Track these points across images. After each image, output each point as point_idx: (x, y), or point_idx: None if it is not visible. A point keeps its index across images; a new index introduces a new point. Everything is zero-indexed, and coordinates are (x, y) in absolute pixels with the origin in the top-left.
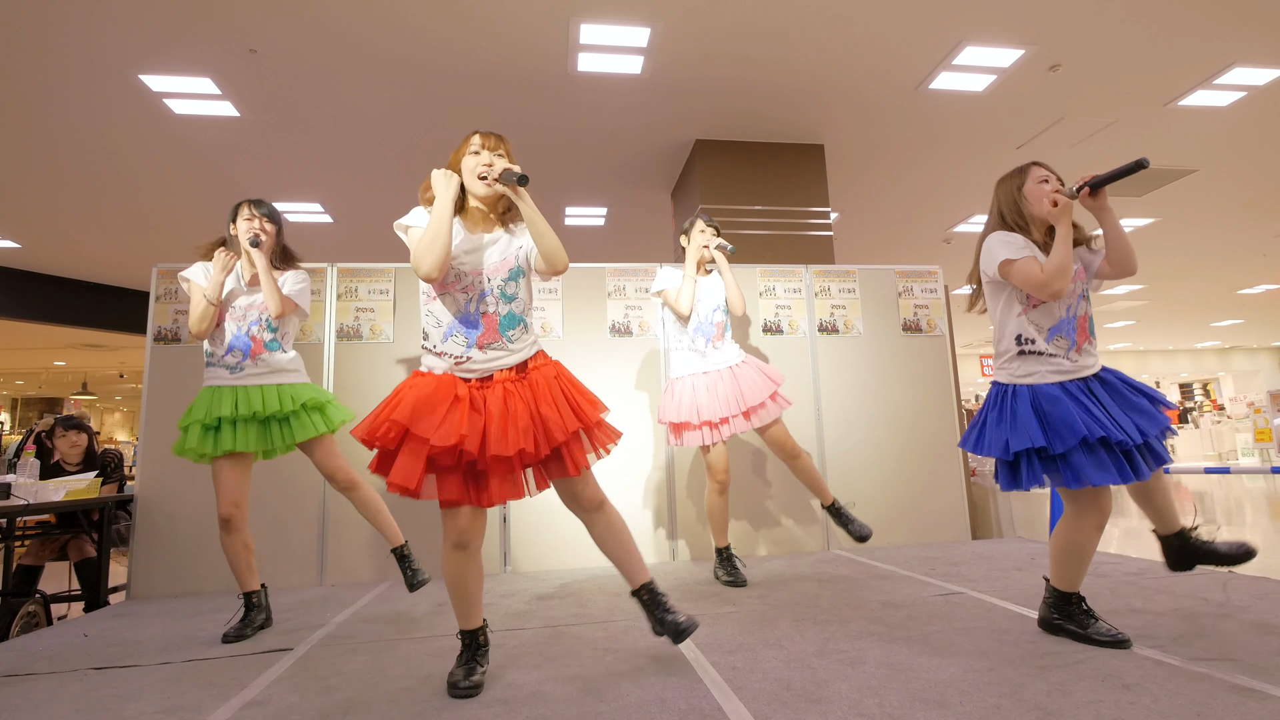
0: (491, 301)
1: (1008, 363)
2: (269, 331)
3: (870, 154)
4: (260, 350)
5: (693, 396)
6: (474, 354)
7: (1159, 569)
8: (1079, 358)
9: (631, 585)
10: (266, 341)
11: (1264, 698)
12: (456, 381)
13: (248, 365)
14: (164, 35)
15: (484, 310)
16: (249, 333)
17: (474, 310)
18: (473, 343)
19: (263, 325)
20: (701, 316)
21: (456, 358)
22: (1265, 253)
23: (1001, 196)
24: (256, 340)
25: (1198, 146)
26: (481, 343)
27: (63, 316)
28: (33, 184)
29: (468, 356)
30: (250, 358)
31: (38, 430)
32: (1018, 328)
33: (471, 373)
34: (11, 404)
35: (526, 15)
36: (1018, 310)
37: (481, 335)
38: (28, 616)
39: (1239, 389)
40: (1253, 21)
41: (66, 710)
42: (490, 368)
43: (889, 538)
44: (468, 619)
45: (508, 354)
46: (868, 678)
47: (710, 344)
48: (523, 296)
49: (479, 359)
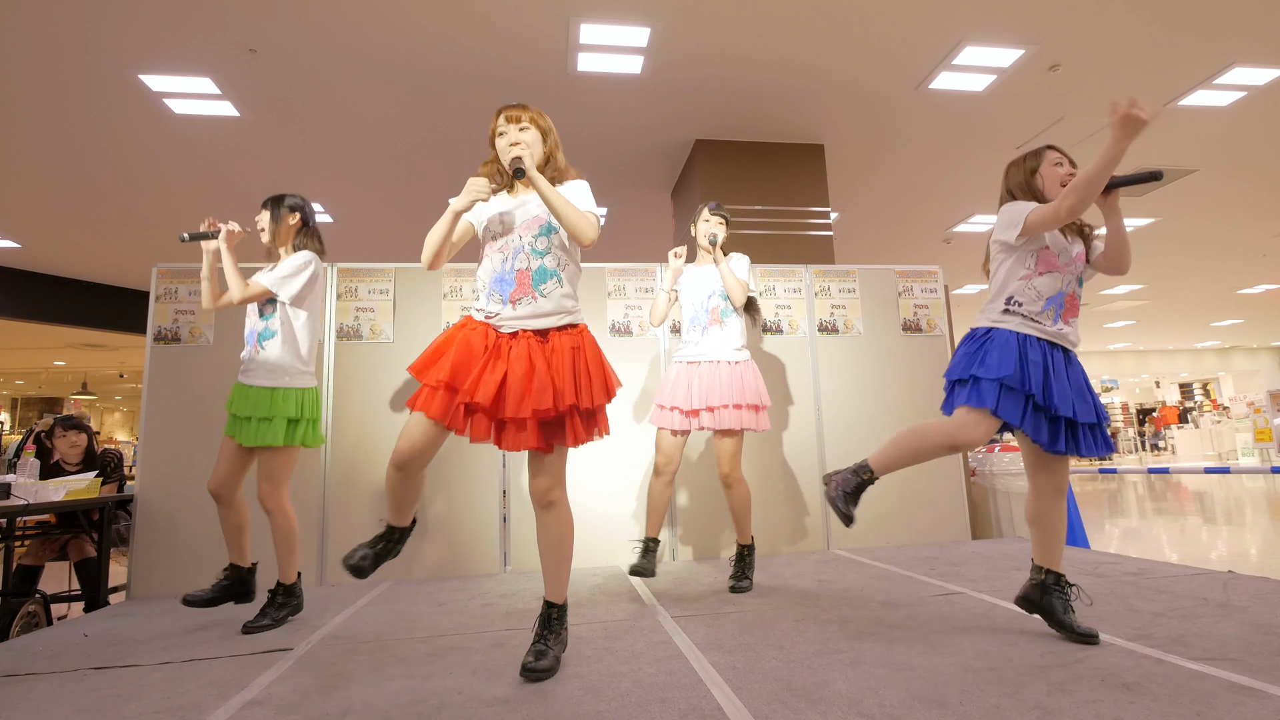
0: (523, 258)
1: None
2: (261, 321)
3: (870, 154)
4: (255, 349)
5: (675, 378)
6: (504, 309)
7: (1159, 569)
8: (1060, 326)
9: (546, 595)
10: (260, 332)
11: (1264, 697)
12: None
13: (245, 363)
14: (164, 35)
15: (518, 267)
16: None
17: (508, 268)
18: (506, 298)
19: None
20: (696, 304)
21: (488, 314)
22: (1265, 253)
23: (1013, 178)
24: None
25: (1198, 146)
26: (514, 297)
27: (63, 316)
28: (33, 184)
29: (498, 313)
30: (249, 355)
31: (37, 430)
32: (1014, 290)
33: (502, 326)
34: (11, 404)
35: (526, 15)
36: (1021, 274)
37: (514, 290)
38: (28, 616)
39: (1239, 389)
40: (1253, 21)
41: (66, 710)
42: (518, 327)
43: (889, 538)
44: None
45: (536, 315)
46: (868, 678)
47: (704, 332)
48: (556, 252)
49: (508, 315)
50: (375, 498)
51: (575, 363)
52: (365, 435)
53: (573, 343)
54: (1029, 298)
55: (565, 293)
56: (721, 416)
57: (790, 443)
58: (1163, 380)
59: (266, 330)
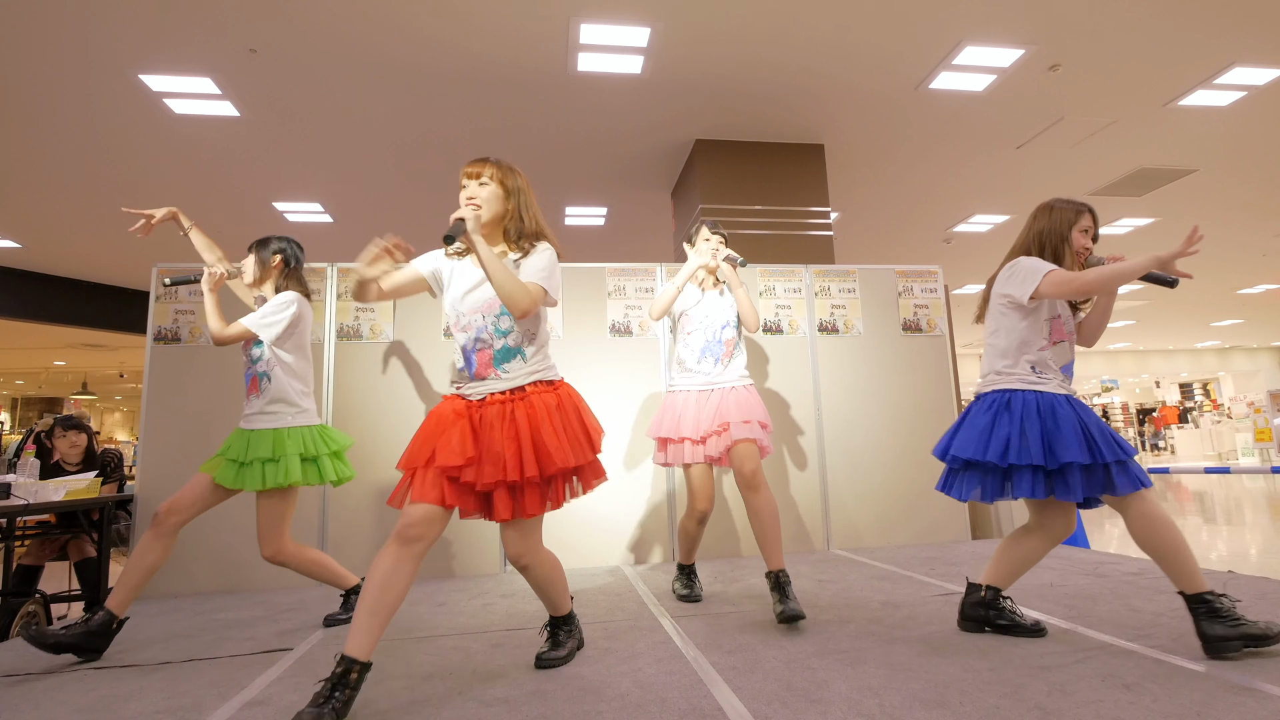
0: (486, 338)
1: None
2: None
3: (870, 154)
4: (254, 389)
5: (682, 409)
6: (473, 383)
7: (1159, 569)
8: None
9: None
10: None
11: (1264, 697)
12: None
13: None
14: (164, 35)
15: (479, 346)
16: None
17: (471, 346)
18: (471, 375)
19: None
20: (709, 335)
21: (459, 385)
22: (1265, 253)
23: (1049, 228)
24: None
25: (1198, 146)
26: (478, 375)
27: (63, 316)
28: (33, 184)
29: (463, 383)
30: (247, 396)
31: (37, 430)
32: (1035, 359)
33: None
34: (11, 404)
35: (526, 15)
36: (1039, 345)
37: (478, 369)
38: (28, 616)
39: (1239, 389)
40: (1253, 21)
41: (66, 710)
42: (483, 390)
43: (889, 538)
44: (363, 636)
45: (501, 382)
46: (868, 678)
47: (719, 363)
48: (519, 330)
49: (475, 385)
50: (374, 498)
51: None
52: (365, 435)
53: (549, 402)
54: (1049, 368)
55: (532, 368)
56: (739, 429)
57: (790, 443)
58: (1163, 380)
59: (263, 374)
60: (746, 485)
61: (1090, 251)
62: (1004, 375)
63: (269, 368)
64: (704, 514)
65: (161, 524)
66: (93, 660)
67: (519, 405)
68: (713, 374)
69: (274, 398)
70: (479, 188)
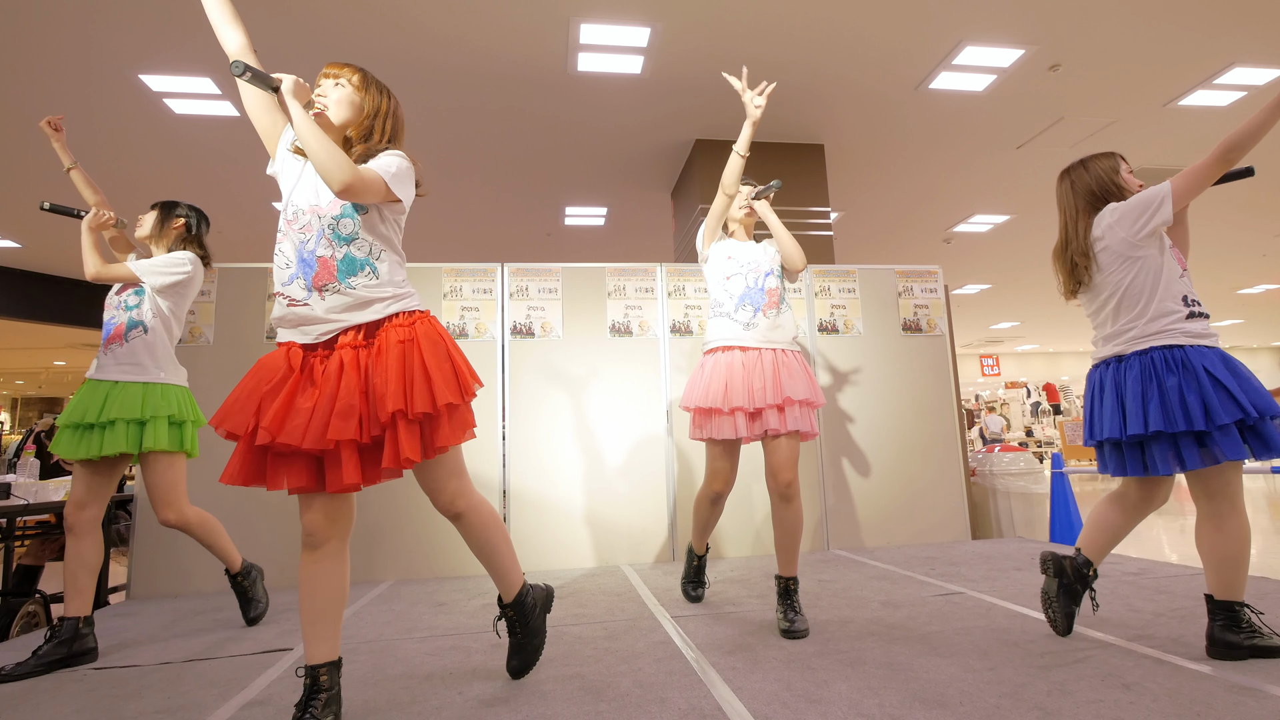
0: (325, 243)
1: (1175, 324)
2: (125, 312)
3: (870, 154)
4: (116, 338)
5: (727, 374)
6: (313, 299)
7: (1159, 569)
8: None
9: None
10: (127, 323)
11: (1264, 697)
12: (291, 352)
13: (103, 356)
14: (164, 35)
15: (319, 253)
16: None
17: (309, 250)
18: (310, 285)
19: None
20: (750, 281)
21: (293, 300)
22: (1265, 253)
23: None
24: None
25: (1198, 146)
26: (317, 283)
27: (63, 316)
28: (33, 184)
29: (306, 302)
30: (106, 345)
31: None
32: (1182, 289)
33: (310, 329)
34: (11, 404)
35: (527, 15)
36: (1179, 272)
37: (316, 275)
38: (28, 616)
39: None
40: (1253, 21)
41: (66, 710)
42: (331, 327)
43: (889, 538)
44: (316, 644)
45: (351, 308)
46: (868, 678)
47: (760, 313)
48: (365, 237)
49: (318, 306)
50: (375, 499)
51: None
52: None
53: (405, 336)
54: (1194, 294)
55: (386, 291)
56: (793, 416)
57: None
58: None
59: (133, 320)
60: (781, 495)
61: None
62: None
63: (144, 317)
64: (720, 495)
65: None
66: (91, 662)
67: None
68: (762, 328)
69: (147, 349)
70: (333, 88)
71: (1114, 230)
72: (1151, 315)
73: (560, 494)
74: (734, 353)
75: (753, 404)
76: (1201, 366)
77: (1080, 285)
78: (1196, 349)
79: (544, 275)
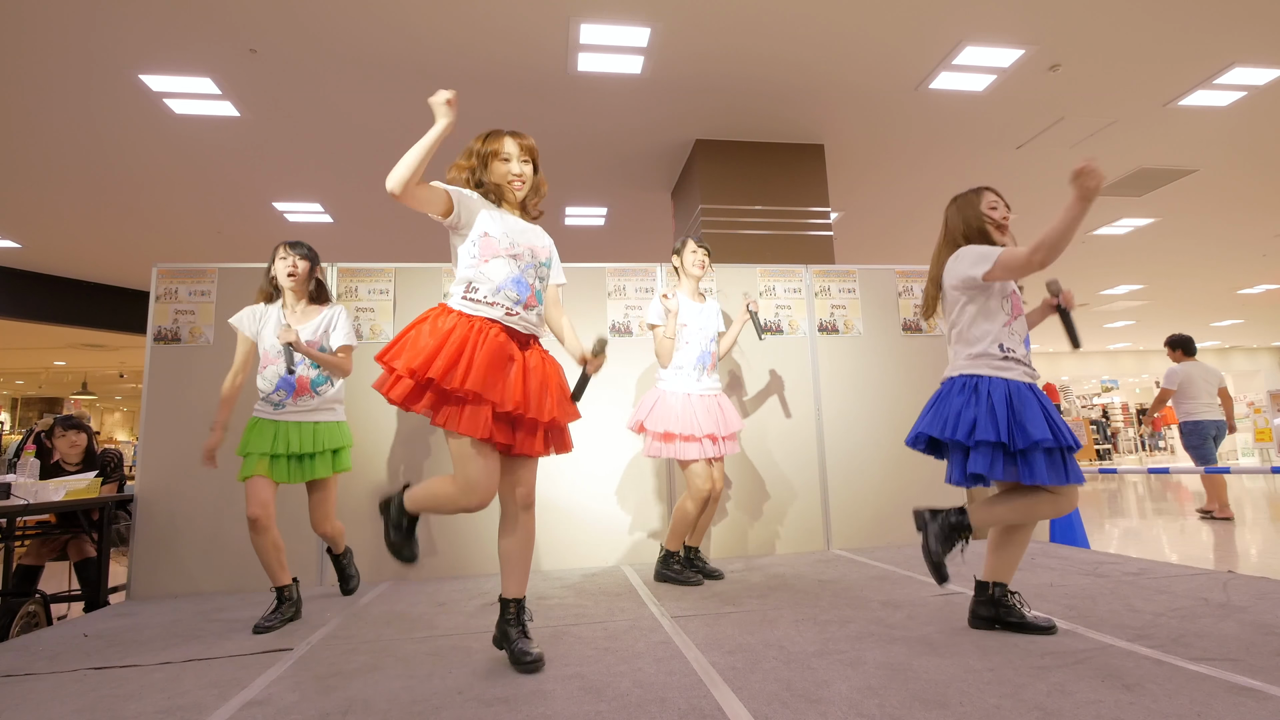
0: (531, 276)
1: (986, 360)
2: (313, 369)
3: (870, 154)
4: (305, 390)
5: (688, 410)
6: (520, 310)
7: (1159, 569)
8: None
9: (506, 593)
10: (312, 380)
11: (1264, 697)
12: (509, 342)
13: (289, 403)
14: (164, 35)
15: (529, 281)
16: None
17: (523, 279)
18: (522, 300)
19: (308, 364)
20: (702, 346)
21: (508, 308)
22: (1265, 253)
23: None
24: (302, 380)
25: (1198, 146)
26: (528, 303)
27: (63, 316)
28: (33, 184)
29: (516, 311)
30: (294, 397)
31: (37, 430)
32: (1001, 337)
33: (517, 326)
34: (11, 404)
35: (526, 15)
36: (1003, 321)
37: (529, 297)
38: (28, 616)
39: (1239, 389)
40: (1253, 21)
41: (66, 710)
42: (531, 331)
43: (889, 538)
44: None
45: (536, 326)
46: (868, 678)
47: (706, 372)
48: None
49: (524, 315)
50: (375, 500)
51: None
52: (364, 436)
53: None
54: (1015, 343)
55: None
56: (729, 445)
57: (790, 443)
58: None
59: (324, 378)
60: (716, 499)
61: (1007, 218)
62: (974, 361)
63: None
64: (708, 499)
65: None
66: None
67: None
68: (707, 382)
69: (333, 397)
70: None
71: (950, 273)
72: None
73: (560, 494)
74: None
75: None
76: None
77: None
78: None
79: None
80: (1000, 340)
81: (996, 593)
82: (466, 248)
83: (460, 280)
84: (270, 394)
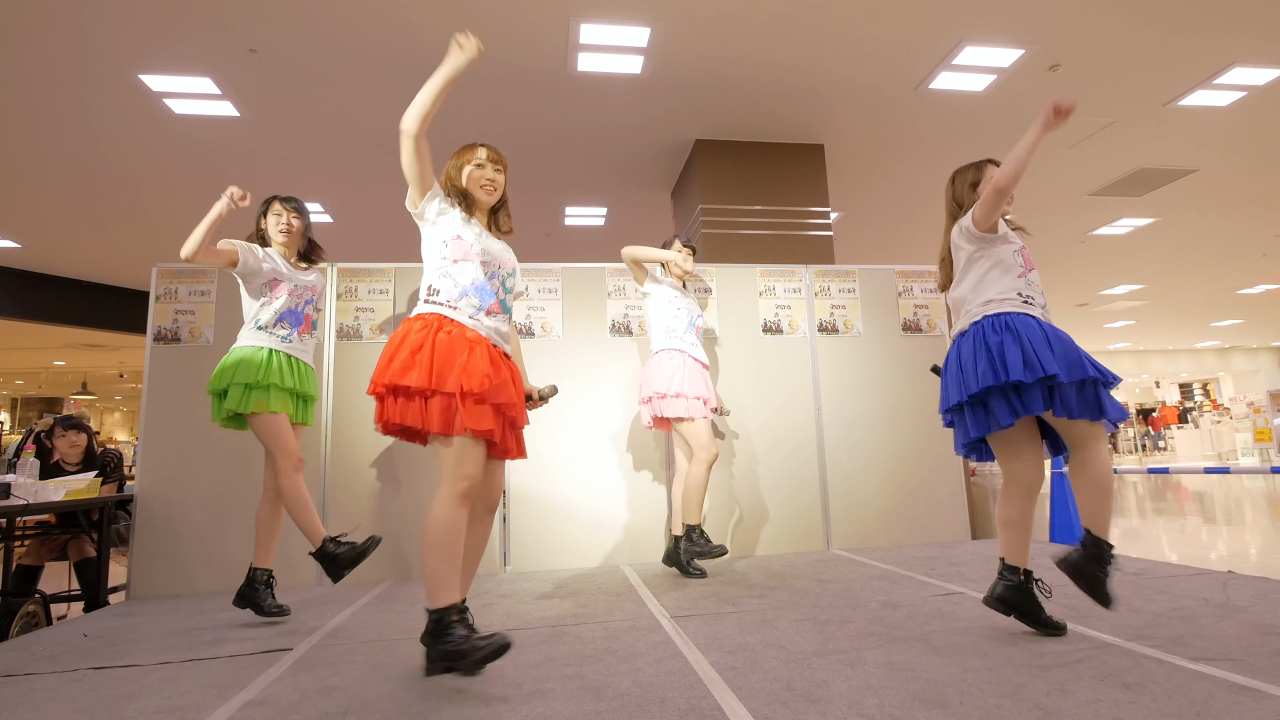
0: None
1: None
2: (316, 311)
3: (870, 154)
4: (307, 330)
5: (683, 369)
6: (483, 317)
7: (1159, 569)
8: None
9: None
10: (314, 322)
11: (1264, 697)
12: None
13: (295, 339)
14: (164, 35)
15: (494, 289)
16: (303, 310)
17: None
18: (484, 307)
19: (314, 307)
20: (690, 316)
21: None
22: (1265, 253)
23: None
24: (308, 319)
25: (1197, 146)
26: (490, 310)
27: (63, 316)
28: (33, 184)
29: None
30: (298, 334)
31: (37, 430)
32: (1018, 286)
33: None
34: (11, 404)
35: (526, 15)
36: (1018, 272)
37: (492, 305)
38: (28, 616)
39: (1239, 389)
40: (1253, 21)
41: (66, 710)
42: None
43: (889, 538)
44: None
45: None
46: (868, 678)
47: (696, 341)
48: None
49: (486, 322)
50: (374, 500)
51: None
52: (365, 436)
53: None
54: (1034, 292)
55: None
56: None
57: (790, 443)
58: (1163, 380)
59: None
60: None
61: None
62: (995, 302)
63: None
64: (716, 457)
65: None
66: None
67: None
68: (697, 347)
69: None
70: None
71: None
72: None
73: (560, 494)
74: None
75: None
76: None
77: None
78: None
79: (544, 275)
80: (1018, 289)
81: (1028, 581)
82: (438, 248)
83: (424, 285)
84: (273, 325)
